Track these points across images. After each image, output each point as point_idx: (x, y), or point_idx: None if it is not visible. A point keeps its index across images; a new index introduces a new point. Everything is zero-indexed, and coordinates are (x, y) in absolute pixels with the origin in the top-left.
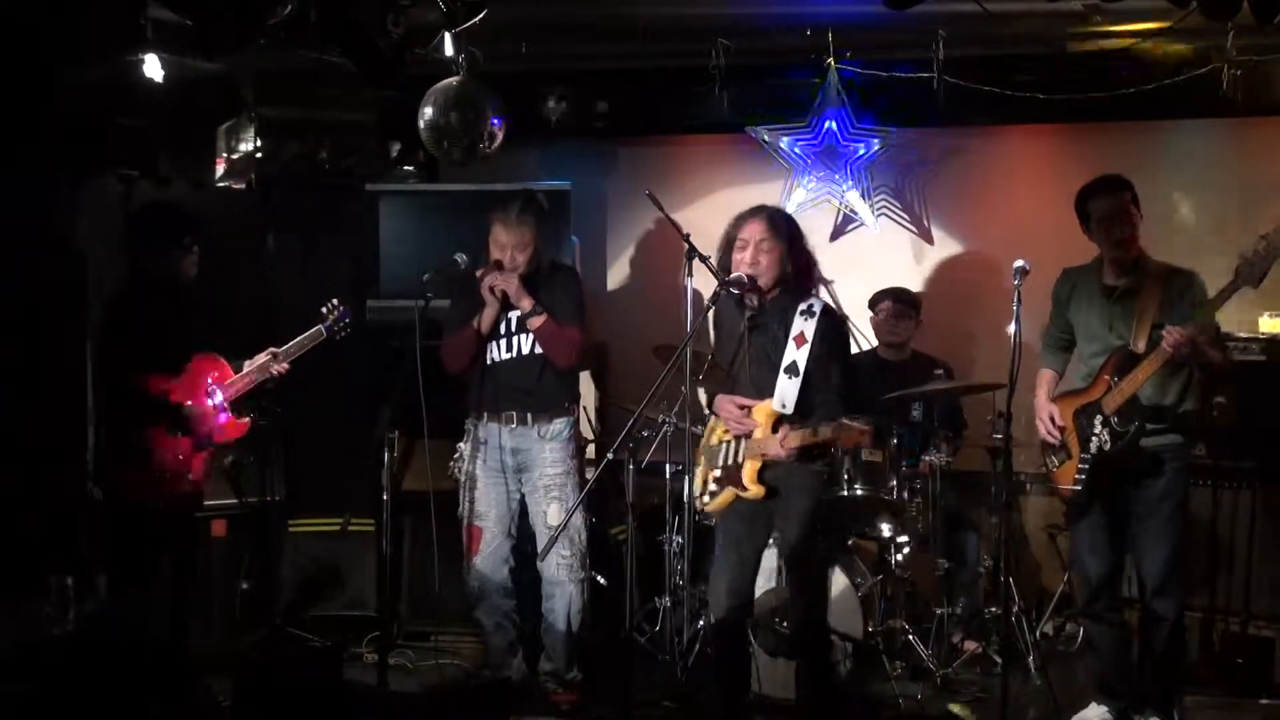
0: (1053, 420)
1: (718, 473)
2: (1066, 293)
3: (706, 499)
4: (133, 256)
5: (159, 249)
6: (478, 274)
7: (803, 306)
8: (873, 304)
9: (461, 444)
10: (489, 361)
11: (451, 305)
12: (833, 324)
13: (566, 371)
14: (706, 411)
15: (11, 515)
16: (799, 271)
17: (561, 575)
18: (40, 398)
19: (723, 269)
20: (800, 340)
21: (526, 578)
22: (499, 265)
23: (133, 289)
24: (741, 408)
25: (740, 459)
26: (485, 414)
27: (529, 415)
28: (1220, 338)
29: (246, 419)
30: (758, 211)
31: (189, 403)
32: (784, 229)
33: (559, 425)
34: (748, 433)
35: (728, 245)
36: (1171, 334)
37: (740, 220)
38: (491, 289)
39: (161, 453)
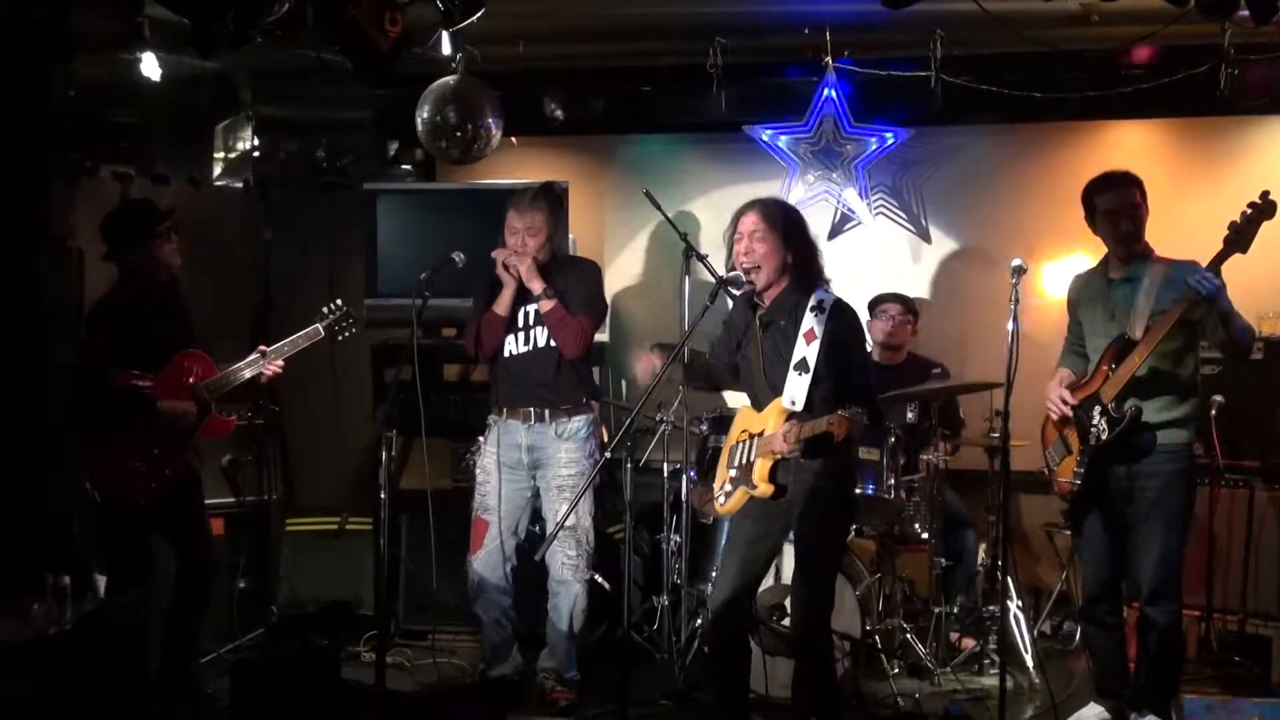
0: (1064, 401)
1: (733, 472)
2: (1075, 295)
3: (721, 499)
4: (110, 257)
5: (131, 243)
6: (493, 254)
7: (813, 302)
8: (873, 306)
9: (481, 438)
10: (506, 354)
11: (475, 298)
12: (845, 320)
13: (580, 362)
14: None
15: (11, 515)
16: (800, 262)
17: (567, 575)
18: (38, 396)
19: (730, 267)
20: (810, 336)
21: (531, 576)
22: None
23: (114, 286)
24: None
25: (752, 457)
26: (504, 410)
27: (547, 412)
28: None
29: (232, 418)
30: (753, 203)
31: (164, 398)
32: (779, 218)
33: (577, 424)
34: (760, 431)
35: (730, 241)
36: (1197, 271)
37: (737, 213)
38: (506, 266)
39: (134, 447)
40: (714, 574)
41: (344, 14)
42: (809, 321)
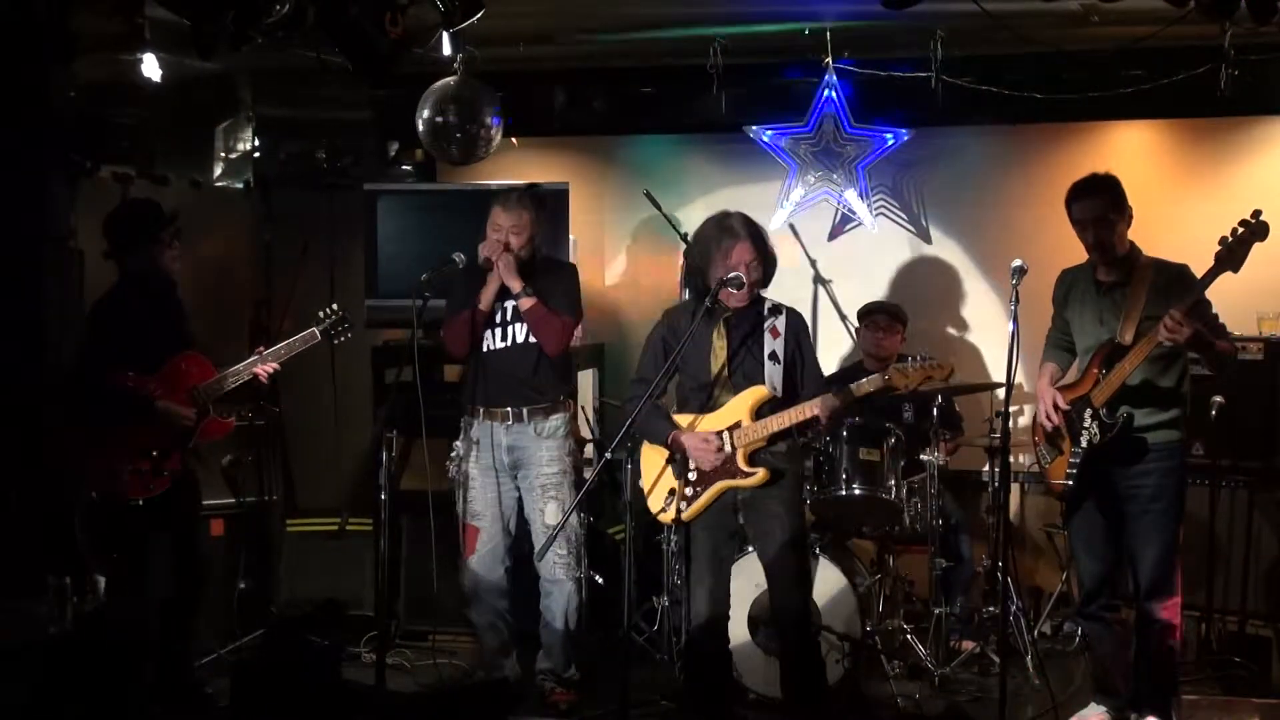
0: (1055, 406)
1: (693, 475)
2: (1063, 293)
3: (683, 505)
4: (112, 255)
5: (134, 244)
6: (480, 248)
7: (770, 305)
8: (861, 316)
9: (458, 442)
10: (484, 349)
11: (451, 296)
12: (799, 319)
13: (559, 361)
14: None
15: (11, 515)
16: (769, 277)
17: (559, 574)
18: (38, 396)
19: (697, 262)
20: (774, 332)
21: (524, 576)
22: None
23: (115, 286)
24: (706, 440)
25: (731, 450)
26: (480, 411)
27: (524, 411)
28: (1220, 327)
29: (231, 419)
30: (736, 232)
31: (162, 400)
32: (765, 246)
33: (555, 422)
34: (734, 423)
35: (707, 254)
36: (1168, 317)
37: (723, 239)
38: (491, 259)
39: (132, 448)
40: (691, 585)
41: (344, 14)
42: (770, 320)
